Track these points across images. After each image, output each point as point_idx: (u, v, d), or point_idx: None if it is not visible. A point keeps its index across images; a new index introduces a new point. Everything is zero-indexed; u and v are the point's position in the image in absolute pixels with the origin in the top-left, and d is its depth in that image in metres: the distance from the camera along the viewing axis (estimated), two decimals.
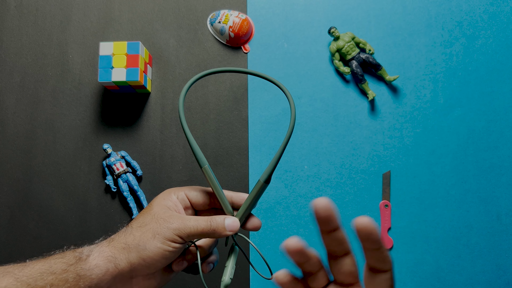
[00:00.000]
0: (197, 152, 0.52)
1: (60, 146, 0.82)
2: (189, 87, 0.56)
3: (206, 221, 0.50)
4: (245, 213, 0.52)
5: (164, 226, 0.49)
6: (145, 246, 0.48)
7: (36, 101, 0.84)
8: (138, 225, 0.50)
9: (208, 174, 0.52)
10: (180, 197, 0.53)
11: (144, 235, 0.49)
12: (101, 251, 0.49)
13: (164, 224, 0.49)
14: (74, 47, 0.85)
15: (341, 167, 0.81)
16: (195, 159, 0.80)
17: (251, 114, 0.82)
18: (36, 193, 0.81)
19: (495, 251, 0.78)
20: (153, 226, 0.49)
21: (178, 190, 0.53)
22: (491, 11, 0.84)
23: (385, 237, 0.78)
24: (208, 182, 0.52)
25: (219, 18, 0.83)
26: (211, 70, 0.59)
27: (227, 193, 0.53)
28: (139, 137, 0.82)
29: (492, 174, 0.80)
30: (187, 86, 0.56)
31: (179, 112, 0.54)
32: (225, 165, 0.81)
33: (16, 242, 0.80)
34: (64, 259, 0.48)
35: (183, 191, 0.53)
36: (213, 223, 0.50)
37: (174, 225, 0.49)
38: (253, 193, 0.52)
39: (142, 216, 0.51)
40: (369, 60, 0.81)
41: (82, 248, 0.50)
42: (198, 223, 0.49)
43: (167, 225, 0.49)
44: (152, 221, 0.49)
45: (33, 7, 0.86)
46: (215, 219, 0.50)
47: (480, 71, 0.82)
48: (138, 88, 0.81)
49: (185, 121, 0.54)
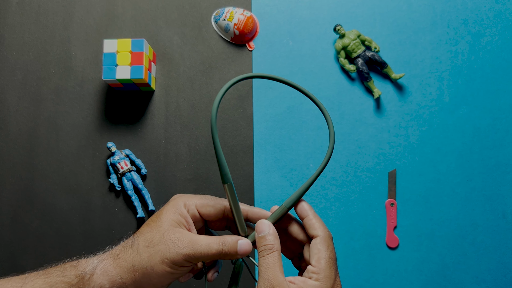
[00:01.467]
0: (224, 167, 0.48)
1: (63, 145, 0.81)
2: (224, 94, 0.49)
3: (218, 244, 0.47)
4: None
5: (174, 251, 0.46)
6: (153, 269, 0.46)
7: (39, 99, 0.83)
8: (145, 243, 0.47)
9: (231, 192, 0.48)
10: (191, 211, 0.50)
11: (153, 258, 0.46)
12: (105, 270, 0.47)
13: (174, 248, 0.46)
14: (77, 44, 0.84)
15: (346, 166, 0.80)
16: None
17: (256, 112, 0.82)
18: (39, 192, 0.80)
19: (500, 249, 0.78)
20: (162, 249, 0.46)
21: (189, 201, 0.50)
22: (497, 8, 0.83)
23: (391, 236, 0.78)
24: (229, 200, 0.49)
25: (224, 15, 0.82)
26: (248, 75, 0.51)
27: (242, 207, 0.50)
28: (143, 135, 0.82)
29: (497, 172, 0.80)
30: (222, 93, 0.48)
31: (211, 124, 0.48)
32: (230, 163, 0.81)
33: (19, 242, 0.79)
34: (65, 278, 0.46)
35: (194, 204, 0.50)
36: (225, 246, 0.47)
37: (184, 251, 0.46)
38: (273, 219, 0.49)
39: (150, 231, 0.48)
40: (375, 58, 0.81)
41: (85, 262, 0.48)
42: (210, 247, 0.47)
43: (177, 250, 0.46)
44: (161, 242, 0.47)
45: (35, 4, 0.85)
46: (227, 242, 0.47)
47: (485, 69, 0.82)
48: (142, 86, 0.80)
49: (217, 134, 0.48)
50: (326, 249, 0.46)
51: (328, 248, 0.46)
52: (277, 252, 0.45)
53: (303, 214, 0.49)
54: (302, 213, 0.49)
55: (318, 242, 0.46)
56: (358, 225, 0.79)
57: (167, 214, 0.49)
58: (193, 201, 0.50)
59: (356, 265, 0.78)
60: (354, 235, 0.79)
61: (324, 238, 0.47)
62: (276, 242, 0.46)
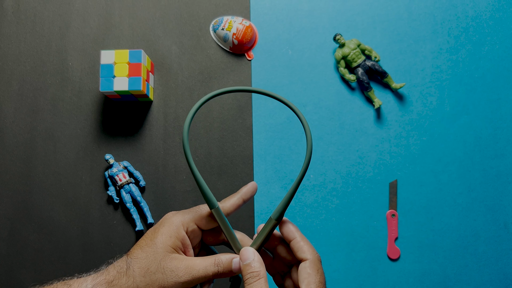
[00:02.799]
0: (207, 192, 0.48)
1: (61, 156, 0.80)
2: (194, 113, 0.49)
3: (214, 266, 0.47)
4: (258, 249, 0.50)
5: (171, 280, 0.46)
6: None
7: (36, 109, 0.82)
8: (141, 272, 0.47)
9: (219, 216, 0.49)
10: (190, 228, 0.49)
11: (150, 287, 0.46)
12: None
13: (172, 277, 0.46)
14: (74, 54, 0.83)
15: (347, 176, 0.80)
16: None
17: (256, 122, 0.81)
18: (37, 204, 0.79)
19: (502, 260, 0.78)
20: (159, 278, 0.46)
21: (187, 220, 0.49)
22: (497, 17, 0.83)
23: (392, 247, 0.78)
24: (219, 223, 0.49)
25: (222, 24, 0.81)
26: (219, 91, 0.52)
27: (236, 197, 0.51)
28: (142, 147, 0.81)
29: (499, 182, 0.79)
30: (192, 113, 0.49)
31: (183, 146, 0.48)
32: (230, 174, 0.80)
33: (17, 255, 0.78)
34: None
35: (191, 220, 0.50)
36: (220, 267, 0.48)
37: (182, 279, 0.46)
38: (264, 232, 0.49)
39: (146, 258, 0.47)
40: (375, 68, 0.80)
41: (78, 285, 0.47)
42: (207, 270, 0.47)
43: (175, 279, 0.46)
44: (158, 271, 0.46)
45: (31, 13, 0.84)
46: (222, 262, 0.48)
47: (486, 78, 0.81)
48: (140, 97, 0.79)
49: (192, 158, 0.48)
50: (316, 273, 0.46)
51: (318, 272, 0.46)
52: (264, 279, 0.45)
53: (290, 236, 0.49)
54: (289, 235, 0.49)
55: (308, 265, 0.46)
56: (359, 237, 0.78)
57: (162, 238, 0.48)
58: (189, 217, 0.50)
59: (357, 277, 0.78)
60: (355, 246, 0.78)
61: (313, 262, 0.46)
62: (261, 268, 0.46)
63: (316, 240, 0.78)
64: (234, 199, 0.52)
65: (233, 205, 0.51)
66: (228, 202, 0.51)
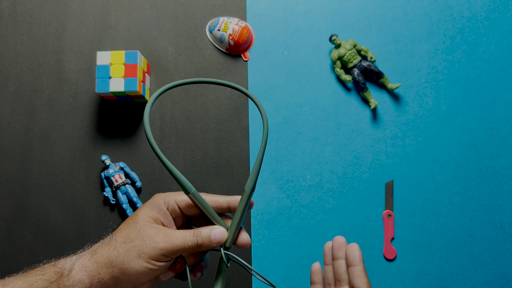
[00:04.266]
0: (181, 178, 0.49)
1: (57, 157, 0.80)
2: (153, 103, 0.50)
3: (193, 236, 0.48)
4: (236, 226, 0.50)
5: (150, 246, 0.47)
6: (130, 264, 0.47)
7: (32, 111, 0.82)
8: (122, 239, 0.48)
9: (197, 199, 0.49)
10: (170, 206, 0.50)
11: (129, 253, 0.47)
12: (83, 265, 0.48)
13: (150, 242, 0.47)
14: (70, 56, 0.83)
15: (343, 177, 0.80)
16: (196, 169, 0.79)
17: (252, 123, 0.81)
18: (33, 205, 0.79)
19: (498, 260, 0.78)
20: (139, 244, 0.47)
21: (168, 197, 0.51)
22: (493, 17, 0.83)
23: (388, 247, 0.78)
24: (198, 206, 0.50)
25: (219, 25, 0.81)
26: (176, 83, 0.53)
27: (223, 198, 0.51)
28: (138, 148, 0.81)
29: (495, 182, 0.79)
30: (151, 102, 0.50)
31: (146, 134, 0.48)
32: (226, 175, 0.80)
33: (13, 257, 0.78)
34: (44, 276, 0.47)
35: (173, 199, 0.50)
36: (199, 238, 0.48)
37: (160, 245, 0.47)
38: (241, 204, 0.50)
39: (127, 228, 0.49)
40: (371, 68, 0.80)
41: (64, 261, 0.49)
42: (185, 239, 0.48)
43: (154, 245, 0.47)
44: (137, 238, 0.48)
45: (27, 15, 0.84)
46: (201, 233, 0.48)
47: (482, 78, 0.82)
48: (136, 98, 0.79)
49: (157, 146, 0.49)
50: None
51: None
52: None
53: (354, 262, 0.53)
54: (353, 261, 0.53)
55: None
56: (355, 237, 0.78)
57: (144, 210, 0.50)
58: (172, 197, 0.51)
59: None
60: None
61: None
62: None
63: (312, 241, 0.78)
64: (220, 198, 0.51)
65: (215, 201, 0.51)
66: (211, 196, 0.51)
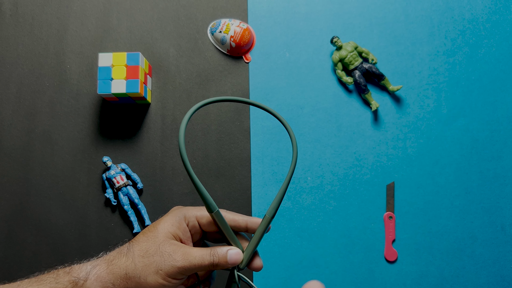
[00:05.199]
0: (207, 197, 0.48)
1: (58, 159, 0.80)
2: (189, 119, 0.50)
3: (210, 255, 0.48)
4: (252, 249, 0.50)
5: (168, 264, 0.47)
6: (146, 279, 0.47)
7: (33, 112, 0.82)
8: (141, 253, 0.48)
9: (219, 219, 0.49)
10: (191, 223, 0.51)
11: (147, 268, 0.47)
12: (98, 275, 0.48)
13: (168, 260, 0.47)
14: (72, 57, 0.83)
15: (344, 178, 0.80)
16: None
17: (253, 124, 0.81)
18: (34, 207, 0.79)
19: (499, 262, 0.78)
20: (157, 260, 0.47)
21: (189, 213, 0.51)
22: (494, 20, 0.83)
23: (389, 249, 0.78)
24: (219, 226, 0.50)
25: (220, 27, 0.82)
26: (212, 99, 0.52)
27: (242, 218, 0.51)
28: (139, 149, 0.81)
29: (496, 184, 0.79)
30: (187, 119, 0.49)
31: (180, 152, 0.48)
32: (227, 176, 0.80)
33: (15, 258, 0.78)
34: (58, 285, 0.47)
35: (194, 216, 0.51)
36: (216, 257, 0.48)
37: (179, 263, 0.47)
38: (260, 229, 0.50)
39: (146, 241, 0.49)
40: (372, 70, 0.80)
41: (78, 268, 0.48)
42: (203, 259, 0.48)
43: (172, 263, 0.47)
44: (156, 253, 0.48)
45: (29, 16, 0.84)
46: (218, 253, 0.49)
47: (483, 80, 0.82)
48: (138, 99, 0.79)
49: (189, 163, 0.49)
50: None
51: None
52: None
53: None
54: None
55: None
56: (356, 239, 0.79)
57: (165, 225, 0.50)
58: (193, 213, 0.51)
59: (355, 279, 0.78)
60: (353, 248, 0.78)
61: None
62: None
63: (313, 242, 0.78)
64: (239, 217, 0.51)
65: (234, 220, 0.51)
66: (231, 214, 0.51)
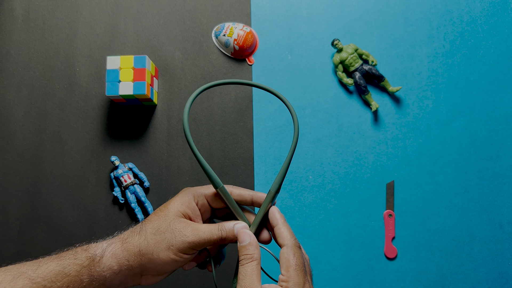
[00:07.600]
0: (211, 174, 0.52)
1: (68, 158, 0.83)
2: (192, 102, 0.54)
3: (218, 230, 0.51)
4: (258, 223, 0.53)
5: (179, 239, 0.50)
6: (159, 255, 0.50)
7: (44, 113, 0.85)
8: (153, 231, 0.51)
9: (225, 195, 0.52)
10: (200, 201, 0.53)
11: (159, 245, 0.50)
12: (114, 252, 0.51)
13: (179, 236, 0.50)
14: (81, 60, 0.86)
15: (345, 177, 0.82)
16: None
17: (256, 125, 0.84)
18: (45, 204, 0.82)
19: (498, 259, 0.79)
20: (168, 237, 0.50)
21: (198, 192, 0.54)
22: (492, 21, 0.85)
23: (389, 247, 0.80)
24: (226, 202, 0.53)
25: (224, 31, 0.84)
26: (214, 82, 0.57)
27: (248, 193, 0.54)
28: (146, 149, 0.83)
29: (494, 183, 0.81)
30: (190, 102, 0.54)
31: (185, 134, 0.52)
32: (231, 176, 0.82)
33: (26, 255, 0.81)
34: (77, 260, 0.50)
35: (203, 194, 0.53)
36: (223, 231, 0.51)
37: (189, 238, 0.50)
38: (265, 203, 0.52)
39: (158, 220, 0.52)
40: (372, 72, 0.82)
41: (95, 246, 0.51)
42: (212, 233, 0.50)
43: (183, 238, 0.50)
44: (167, 231, 0.50)
45: (40, 21, 0.88)
46: (225, 227, 0.51)
47: (481, 81, 0.83)
48: (144, 101, 0.82)
49: (194, 144, 0.52)
50: (293, 257, 0.48)
51: (294, 256, 0.48)
52: (256, 261, 0.49)
53: (273, 222, 0.52)
54: (272, 221, 0.52)
55: (285, 251, 0.49)
56: (356, 236, 0.80)
57: (175, 204, 0.53)
58: (201, 191, 0.54)
59: (355, 276, 0.79)
60: (353, 246, 0.80)
61: (290, 247, 0.49)
62: (256, 251, 0.49)
63: (314, 240, 0.80)
64: (245, 192, 0.54)
65: (240, 195, 0.54)
66: (237, 189, 0.54)
